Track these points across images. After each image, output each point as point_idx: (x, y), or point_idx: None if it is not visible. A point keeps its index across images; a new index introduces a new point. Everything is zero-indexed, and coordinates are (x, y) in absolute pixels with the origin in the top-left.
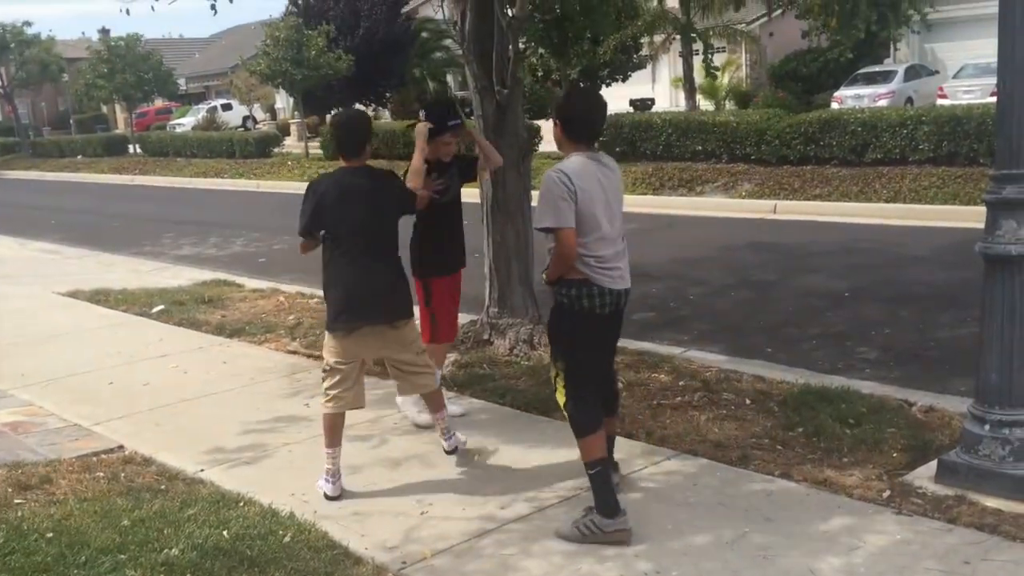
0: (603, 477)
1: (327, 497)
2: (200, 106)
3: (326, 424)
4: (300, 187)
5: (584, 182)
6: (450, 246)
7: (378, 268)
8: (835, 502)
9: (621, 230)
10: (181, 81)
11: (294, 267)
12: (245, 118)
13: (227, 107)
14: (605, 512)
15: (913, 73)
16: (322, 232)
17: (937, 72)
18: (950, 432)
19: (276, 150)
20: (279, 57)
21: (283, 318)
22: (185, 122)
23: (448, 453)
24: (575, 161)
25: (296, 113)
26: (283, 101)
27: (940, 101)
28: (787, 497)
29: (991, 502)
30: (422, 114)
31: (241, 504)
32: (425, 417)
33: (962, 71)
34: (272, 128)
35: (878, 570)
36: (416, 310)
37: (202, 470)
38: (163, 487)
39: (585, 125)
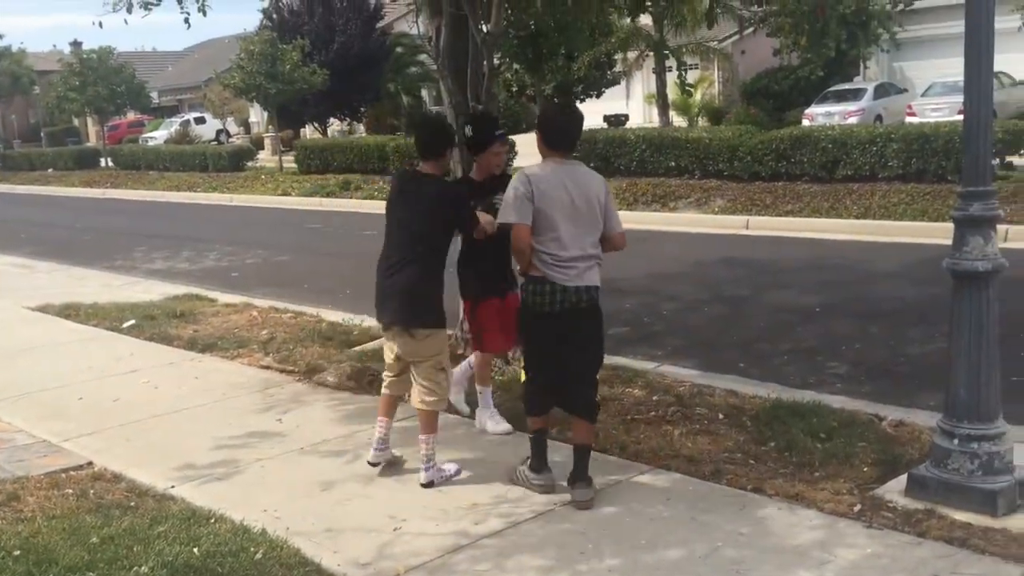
0: (538, 442)
1: (369, 463)
2: (173, 119)
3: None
4: (274, 201)
5: (546, 185)
6: (496, 270)
7: (407, 272)
8: (807, 516)
9: (592, 234)
10: (154, 94)
11: (268, 281)
12: (218, 132)
13: (200, 120)
14: (534, 468)
15: (882, 91)
16: None
17: (906, 90)
18: (920, 446)
19: (250, 164)
20: (253, 71)
21: (256, 333)
22: (158, 135)
23: (423, 486)
24: (543, 166)
25: (270, 127)
26: (257, 115)
27: (909, 119)
28: (759, 511)
29: (960, 516)
30: (468, 129)
31: (212, 521)
32: (505, 426)
33: (930, 89)
34: (246, 142)
35: None
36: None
37: (173, 486)
38: (133, 504)
39: (560, 135)
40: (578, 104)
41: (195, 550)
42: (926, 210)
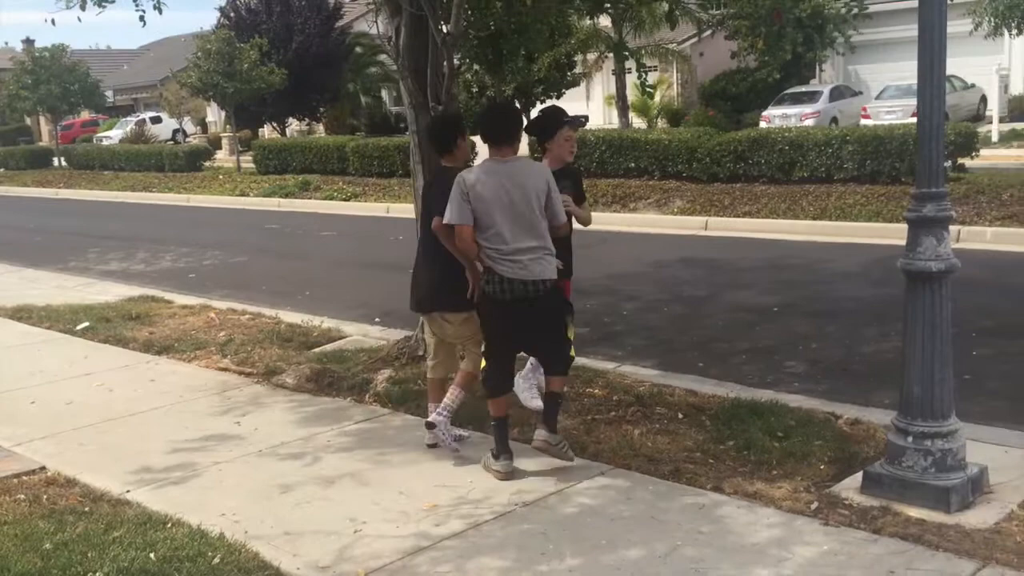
0: (499, 428)
1: (427, 444)
2: (128, 119)
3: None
4: (231, 202)
5: (480, 185)
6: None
7: (432, 264)
8: (765, 514)
9: (535, 228)
10: (109, 93)
11: (225, 283)
12: (175, 131)
13: (156, 120)
14: (494, 454)
15: (838, 94)
16: None
17: (861, 93)
18: (875, 444)
19: (207, 164)
20: (210, 69)
21: (214, 335)
22: (113, 135)
23: (427, 425)
24: (480, 166)
25: (228, 127)
26: (214, 114)
27: (864, 121)
28: (718, 510)
29: (914, 512)
30: (536, 113)
31: (169, 525)
32: (536, 403)
33: (884, 92)
34: (203, 142)
35: None
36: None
37: (128, 491)
38: (87, 509)
39: (491, 133)
40: (538, 105)
41: (151, 555)
42: (881, 211)
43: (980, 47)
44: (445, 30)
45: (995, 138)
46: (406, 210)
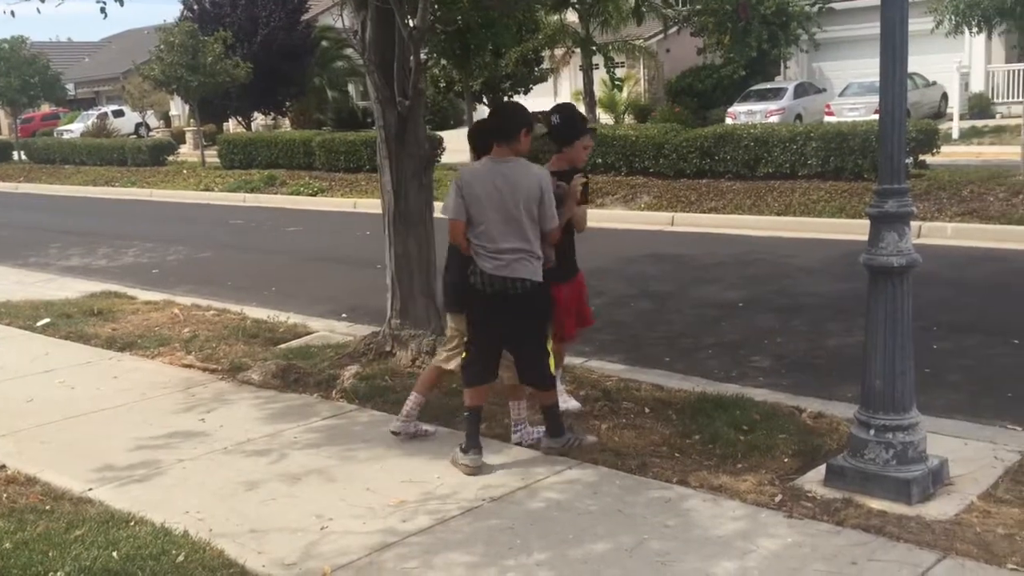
0: (471, 421)
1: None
2: (90, 112)
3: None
4: (196, 196)
5: (473, 183)
6: (565, 257)
7: (447, 260)
8: (730, 507)
9: (522, 229)
10: (70, 86)
11: (190, 278)
12: (138, 125)
13: (119, 113)
14: (463, 448)
15: (802, 90)
16: None
17: (824, 90)
18: (838, 437)
19: (171, 158)
20: (174, 62)
21: (178, 331)
22: (74, 128)
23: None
24: (475, 164)
25: (192, 120)
26: (178, 108)
27: (827, 118)
28: (684, 503)
29: (876, 504)
30: (554, 119)
31: (132, 523)
32: (573, 404)
33: (847, 89)
34: (166, 136)
35: (770, 573)
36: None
37: (90, 489)
38: (48, 508)
39: (490, 131)
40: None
41: (114, 554)
42: (844, 207)
43: (941, 45)
44: (412, 24)
45: (956, 135)
46: (373, 205)
